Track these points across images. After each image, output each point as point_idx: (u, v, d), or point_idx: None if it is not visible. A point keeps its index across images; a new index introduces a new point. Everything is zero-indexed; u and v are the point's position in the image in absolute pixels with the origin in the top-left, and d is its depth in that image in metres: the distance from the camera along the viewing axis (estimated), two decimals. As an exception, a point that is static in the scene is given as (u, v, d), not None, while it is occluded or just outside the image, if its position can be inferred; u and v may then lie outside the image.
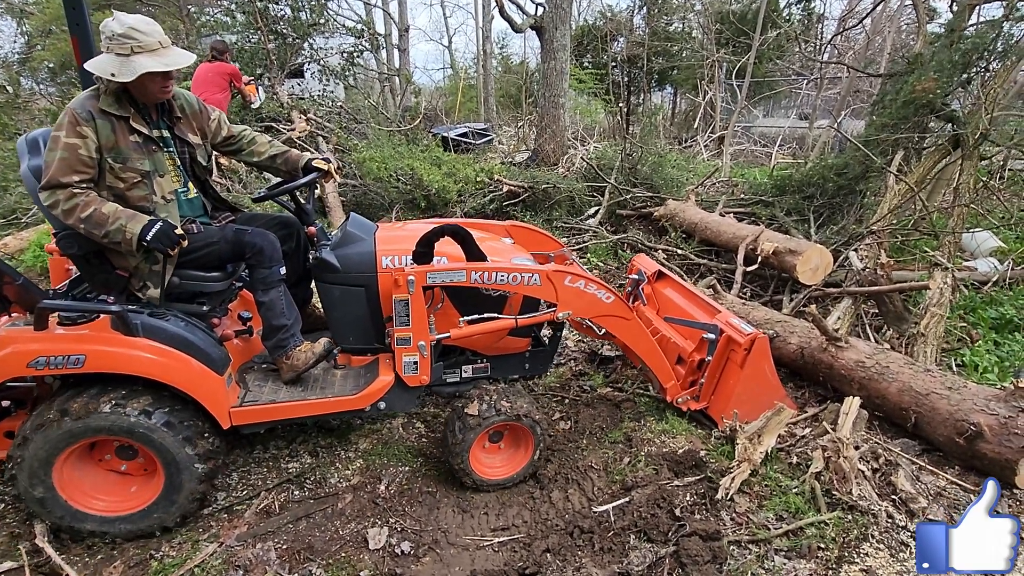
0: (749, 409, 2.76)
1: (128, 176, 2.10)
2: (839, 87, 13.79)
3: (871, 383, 2.90)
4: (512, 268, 2.44)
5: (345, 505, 2.48)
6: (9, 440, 2.15)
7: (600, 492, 2.55)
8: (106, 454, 2.25)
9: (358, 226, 2.62)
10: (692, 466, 2.62)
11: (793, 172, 6.58)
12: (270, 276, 2.34)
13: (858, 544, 2.13)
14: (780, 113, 17.38)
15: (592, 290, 2.54)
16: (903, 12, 13.52)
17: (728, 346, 2.78)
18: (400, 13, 16.06)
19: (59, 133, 1.98)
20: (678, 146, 11.70)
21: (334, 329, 2.59)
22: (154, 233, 2.03)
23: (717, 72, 13.02)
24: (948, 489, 2.43)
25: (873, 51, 14.61)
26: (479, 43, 16.88)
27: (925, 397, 2.66)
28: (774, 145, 11.95)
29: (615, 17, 16.33)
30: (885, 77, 7.63)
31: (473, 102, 16.45)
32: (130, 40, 1.99)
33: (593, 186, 7.02)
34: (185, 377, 2.13)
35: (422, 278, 2.30)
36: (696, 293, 3.22)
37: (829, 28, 16.55)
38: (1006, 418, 2.38)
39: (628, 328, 2.69)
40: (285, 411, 2.33)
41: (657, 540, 2.20)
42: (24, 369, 1.96)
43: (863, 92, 13.13)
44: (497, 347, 2.77)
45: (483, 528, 2.42)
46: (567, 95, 8.97)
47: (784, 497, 2.36)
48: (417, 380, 2.45)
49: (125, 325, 2.04)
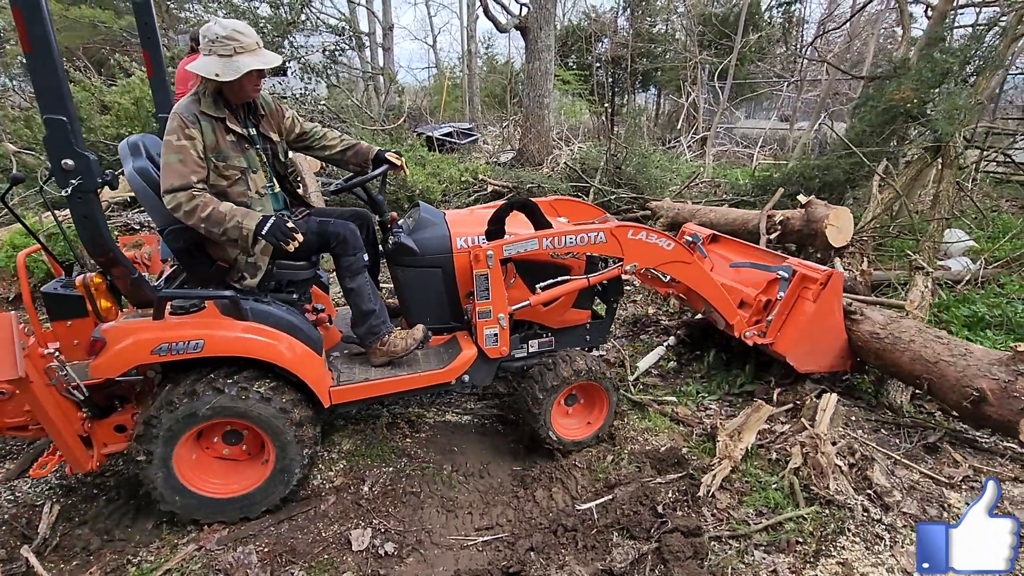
0: (814, 348, 3.00)
1: (230, 173, 2.24)
2: (819, 89, 14.01)
3: (886, 353, 2.99)
4: (578, 230, 2.58)
5: (328, 507, 2.46)
6: (118, 434, 2.24)
7: (584, 490, 2.57)
8: (212, 440, 2.33)
9: (430, 212, 2.78)
10: (674, 463, 2.65)
11: (773, 172, 6.69)
12: (355, 263, 2.46)
13: (835, 538, 2.17)
14: (761, 115, 17.62)
15: (654, 239, 2.70)
16: (884, 17, 13.78)
17: (801, 283, 2.97)
18: (384, 11, 15.95)
19: (171, 137, 2.10)
20: (662, 147, 11.80)
21: (411, 311, 2.74)
22: (269, 228, 2.16)
23: (700, 74, 13.17)
24: (921, 483, 2.48)
25: (852, 54, 14.88)
26: (464, 42, 16.84)
27: (934, 365, 2.77)
28: (755, 146, 12.11)
29: (599, 18, 16.43)
30: (868, 80, 7.77)
31: (458, 101, 16.43)
32: (233, 41, 2.12)
33: (577, 186, 7.05)
34: (293, 358, 2.23)
35: (499, 252, 2.46)
36: (755, 247, 3.50)
37: (810, 32, 16.81)
38: (1006, 382, 2.48)
39: (691, 271, 2.84)
40: (380, 388, 2.47)
41: (640, 537, 2.22)
42: (148, 356, 2.03)
43: (842, 95, 13.36)
44: (562, 320, 2.93)
45: (467, 528, 2.42)
46: (552, 95, 9.00)
47: (764, 493, 2.40)
48: (497, 351, 2.61)
49: (238, 310, 2.16)
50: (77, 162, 1.79)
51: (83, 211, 1.87)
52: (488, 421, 3.18)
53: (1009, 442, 2.87)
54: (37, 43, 1.67)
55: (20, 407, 2.07)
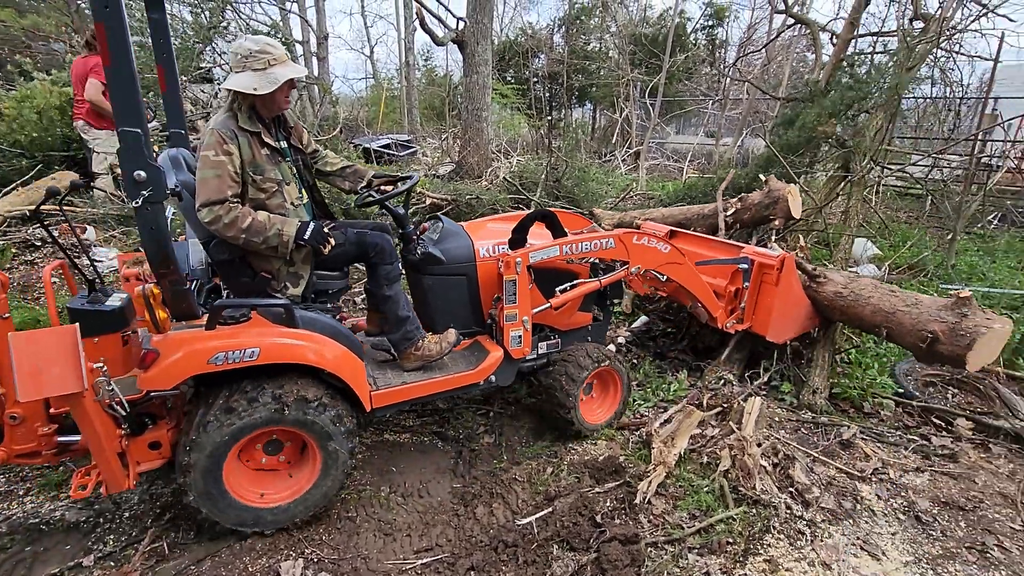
0: (786, 321, 3.42)
1: (268, 186, 2.29)
2: (741, 108, 14.92)
3: (849, 309, 3.39)
4: (592, 237, 2.83)
5: (255, 539, 2.32)
6: (152, 451, 2.17)
7: (524, 504, 2.56)
8: (252, 451, 2.32)
9: (451, 224, 2.95)
10: (612, 472, 2.70)
11: (698, 182, 7.09)
12: (392, 272, 2.57)
13: (761, 536, 2.28)
14: (691, 130, 18.52)
15: (654, 244, 3.01)
16: (797, 42, 14.90)
17: (761, 271, 3.34)
18: (318, 20, 15.57)
19: (208, 153, 2.13)
20: (598, 160, 12.15)
21: (437, 317, 2.85)
22: (311, 232, 2.29)
23: (632, 91, 13.69)
24: (837, 478, 2.65)
25: (770, 76, 15.96)
26: (402, 54, 16.72)
27: (892, 315, 3.18)
28: (685, 160, 12.71)
29: (535, 35, 16.78)
30: (785, 100, 8.36)
31: (396, 113, 16.24)
32: (266, 55, 2.20)
33: (516, 199, 7.12)
34: (343, 364, 2.28)
35: (526, 259, 2.64)
36: (711, 239, 3.80)
37: (732, 54, 17.91)
38: (953, 323, 2.90)
39: (683, 270, 3.18)
40: (418, 390, 2.58)
41: (579, 548, 2.24)
42: (205, 366, 2.03)
43: (762, 113, 14.28)
44: (569, 322, 3.14)
45: (406, 551, 2.35)
46: (490, 109, 9.06)
47: (697, 496, 2.48)
48: (521, 352, 2.79)
49: (292, 318, 2.20)
50: (148, 174, 1.83)
51: (151, 222, 1.89)
52: (427, 438, 3.12)
53: (911, 435, 3.13)
54: (118, 58, 1.71)
55: (32, 432, 2.04)
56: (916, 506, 2.49)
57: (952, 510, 2.48)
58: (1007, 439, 3.11)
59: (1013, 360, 3.85)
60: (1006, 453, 2.99)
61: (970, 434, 3.15)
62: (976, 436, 3.13)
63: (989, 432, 3.17)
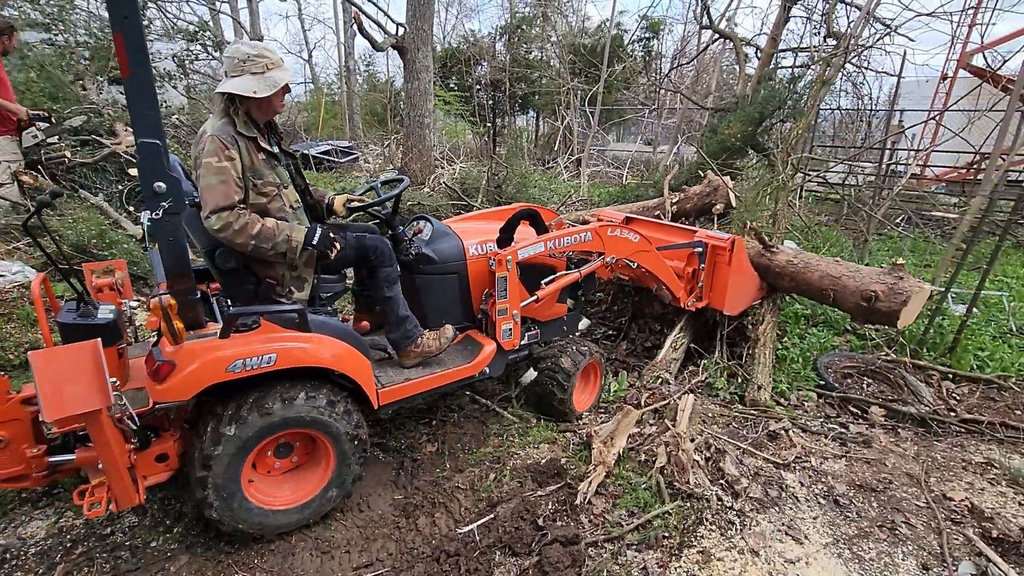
0: (739, 295, 3.84)
1: (268, 190, 2.27)
2: (675, 117, 15.55)
3: (799, 275, 3.87)
4: (571, 232, 3.03)
5: (180, 567, 2.19)
6: (160, 464, 2.14)
7: (467, 512, 2.55)
8: (264, 457, 2.34)
9: (439, 225, 3.04)
10: (554, 474, 2.72)
11: (637, 187, 7.37)
12: (392, 274, 2.64)
13: (695, 528, 2.36)
14: (630, 138, 19.15)
15: (625, 235, 3.24)
16: (724, 55, 15.70)
17: (714, 252, 3.69)
18: (252, 23, 15.00)
19: (211, 159, 2.09)
20: (541, 167, 12.32)
21: (429, 314, 2.92)
22: (319, 236, 2.31)
23: (573, 99, 13.99)
24: (764, 468, 2.79)
25: (702, 87, 16.74)
26: (341, 59, 16.35)
27: (839, 279, 3.68)
28: (624, 167, 13.11)
29: (477, 42, 16.87)
30: (713, 110, 8.82)
31: (337, 119, 15.87)
32: (263, 59, 2.18)
33: (458, 205, 7.12)
34: (354, 365, 2.33)
35: (516, 256, 2.78)
36: (665, 224, 4.12)
37: (666, 65, 18.65)
38: (891, 284, 3.44)
39: (650, 257, 3.44)
40: (420, 386, 2.67)
41: (521, 553, 2.24)
42: (223, 374, 2.02)
43: (695, 122, 14.95)
44: (548, 314, 3.29)
45: (345, 569, 2.28)
46: (432, 115, 9.01)
47: (635, 493, 2.55)
48: (511, 344, 2.96)
49: (305, 322, 2.21)
50: (168, 185, 1.81)
51: (170, 234, 1.88)
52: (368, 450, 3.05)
53: (832, 423, 3.34)
54: (137, 69, 1.69)
55: (18, 455, 1.97)
56: (835, 490, 2.66)
57: (866, 492, 2.66)
58: (913, 423, 3.38)
59: (918, 350, 4.19)
60: (912, 436, 3.24)
61: (882, 420, 3.39)
62: (888, 422, 3.39)
63: (898, 418, 3.43)
